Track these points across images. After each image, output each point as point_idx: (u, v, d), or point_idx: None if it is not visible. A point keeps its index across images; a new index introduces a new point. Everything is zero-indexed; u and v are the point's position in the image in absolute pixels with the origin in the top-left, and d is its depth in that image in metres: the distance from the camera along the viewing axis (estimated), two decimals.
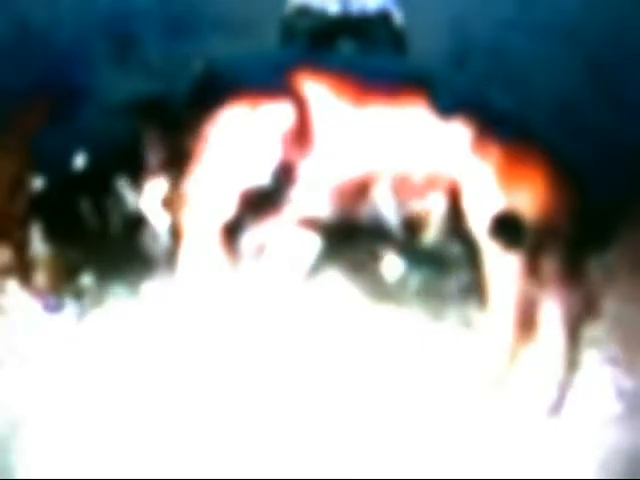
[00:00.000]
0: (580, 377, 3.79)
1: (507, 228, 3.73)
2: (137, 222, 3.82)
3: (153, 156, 3.79)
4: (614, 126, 3.85)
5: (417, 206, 3.80)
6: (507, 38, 3.89)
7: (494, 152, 3.76)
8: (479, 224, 3.77)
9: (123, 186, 3.80)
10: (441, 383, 3.80)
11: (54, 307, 3.81)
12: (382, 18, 3.95)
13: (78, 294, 3.82)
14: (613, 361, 3.82)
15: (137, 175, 3.81)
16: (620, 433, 3.77)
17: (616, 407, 3.79)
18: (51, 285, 3.82)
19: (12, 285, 3.84)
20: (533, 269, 3.73)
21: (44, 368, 3.80)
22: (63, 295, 3.82)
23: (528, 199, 3.75)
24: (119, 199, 3.80)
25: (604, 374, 3.81)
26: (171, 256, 3.78)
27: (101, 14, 4.33)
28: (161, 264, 3.80)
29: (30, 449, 3.72)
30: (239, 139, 3.76)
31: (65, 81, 3.91)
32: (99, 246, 3.80)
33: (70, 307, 3.82)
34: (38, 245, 3.80)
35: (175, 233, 3.77)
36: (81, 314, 3.82)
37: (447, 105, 3.72)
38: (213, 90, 3.78)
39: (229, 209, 3.74)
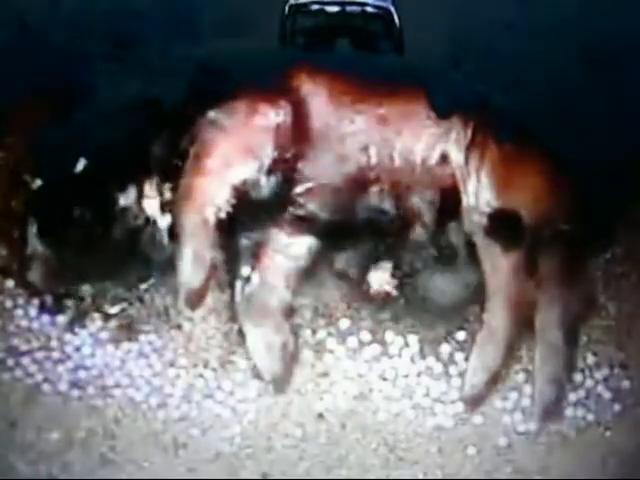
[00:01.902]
0: (578, 377, 3.79)
1: (505, 227, 3.73)
2: (136, 223, 3.82)
3: (152, 156, 3.79)
4: (613, 126, 3.84)
5: (415, 205, 3.79)
6: (504, 38, 3.88)
7: (492, 151, 3.76)
8: (477, 223, 3.77)
9: (122, 187, 3.80)
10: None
11: (51, 308, 3.81)
12: (381, 18, 3.96)
13: (76, 296, 3.82)
14: (611, 361, 3.81)
15: (136, 176, 3.81)
16: (618, 433, 3.77)
17: (614, 407, 3.78)
18: (48, 286, 3.82)
19: (10, 285, 3.84)
20: (531, 268, 3.72)
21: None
22: (61, 296, 3.82)
23: (526, 198, 3.75)
24: (118, 200, 3.80)
25: (602, 374, 3.80)
26: (170, 257, 3.78)
27: (101, 14, 4.32)
28: (160, 266, 3.81)
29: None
30: (237, 139, 3.76)
31: (65, 81, 3.90)
32: (97, 247, 3.80)
33: (68, 309, 3.82)
34: (35, 245, 3.80)
35: (174, 234, 3.77)
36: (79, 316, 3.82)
37: (445, 104, 3.72)
38: (212, 90, 3.79)
39: (226, 209, 3.74)
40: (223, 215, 3.74)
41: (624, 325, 3.82)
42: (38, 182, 3.83)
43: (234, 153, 3.75)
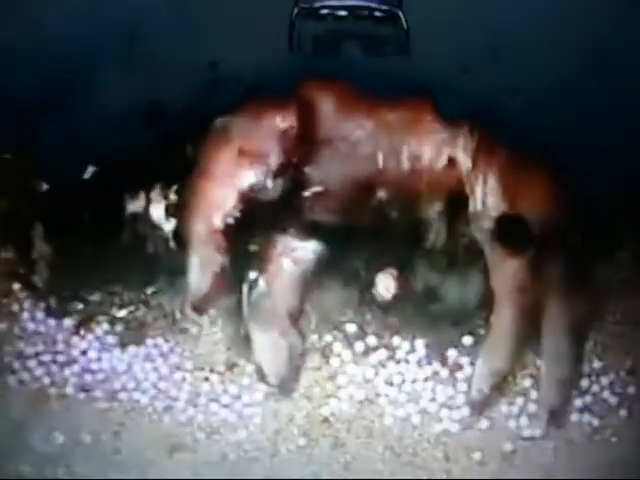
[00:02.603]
0: (584, 382, 3.79)
1: (513, 232, 3.73)
2: (143, 228, 3.81)
3: (158, 162, 3.79)
4: (620, 132, 3.84)
5: (422, 210, 3.79)
6: (511, 43, 3.87)
7: (499, 156, 3.76)
8: (485, 228, 3.77)
9: (128, 191, 3.80)
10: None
11: (57, 312, 3.82)
12: (389, 22, 3.93)
13: (83, 299, 3.83)
14: (618, 366, 3.81)
15: (143, 181, 3.80)
16: (624, 438, 3.77)
17: (620, 412, 3.79)
18: (54, 289, 3.82)
19: (16, 288, 3.83)
20: (538, 274, 3.72)
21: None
22: (67, 300, 3.82)
23: (533, 203, 3.75)
24: (125, 205, 3.80)
25: (609, 379, 3.80)
26: (177, 260, 3.78)
27: (103, 14, 4.29)
28: (167, 269, 3.81)
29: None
30: (244, 144, 3.76)
31: (68, 82, 3.89)
32: (105, 251, 3.80)
33: (74, 312, 3.82)
34: (42, 249, 3.80)
35: (180, 239, 3.77)
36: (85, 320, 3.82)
37: (452, 109, 3.72)
38: (218, 95, 3.79)
39: (233, 214, 3.74)
40: (230, 220, 3.74)
41: (631, 330, 3.83)
42: (44, 185, 3.83)
43: (241, 158, 3.75)
